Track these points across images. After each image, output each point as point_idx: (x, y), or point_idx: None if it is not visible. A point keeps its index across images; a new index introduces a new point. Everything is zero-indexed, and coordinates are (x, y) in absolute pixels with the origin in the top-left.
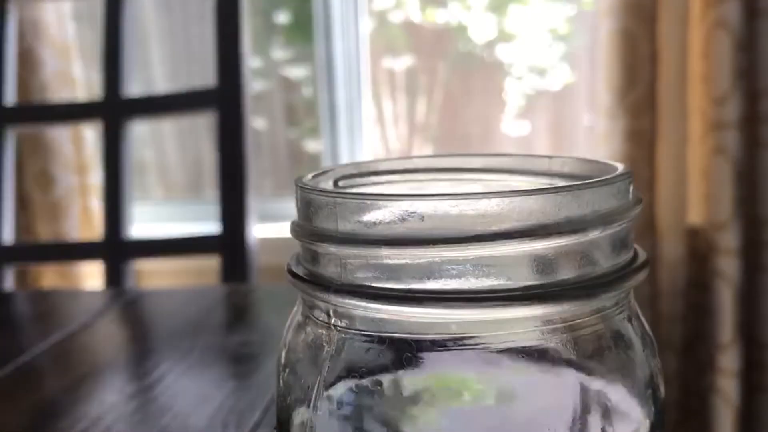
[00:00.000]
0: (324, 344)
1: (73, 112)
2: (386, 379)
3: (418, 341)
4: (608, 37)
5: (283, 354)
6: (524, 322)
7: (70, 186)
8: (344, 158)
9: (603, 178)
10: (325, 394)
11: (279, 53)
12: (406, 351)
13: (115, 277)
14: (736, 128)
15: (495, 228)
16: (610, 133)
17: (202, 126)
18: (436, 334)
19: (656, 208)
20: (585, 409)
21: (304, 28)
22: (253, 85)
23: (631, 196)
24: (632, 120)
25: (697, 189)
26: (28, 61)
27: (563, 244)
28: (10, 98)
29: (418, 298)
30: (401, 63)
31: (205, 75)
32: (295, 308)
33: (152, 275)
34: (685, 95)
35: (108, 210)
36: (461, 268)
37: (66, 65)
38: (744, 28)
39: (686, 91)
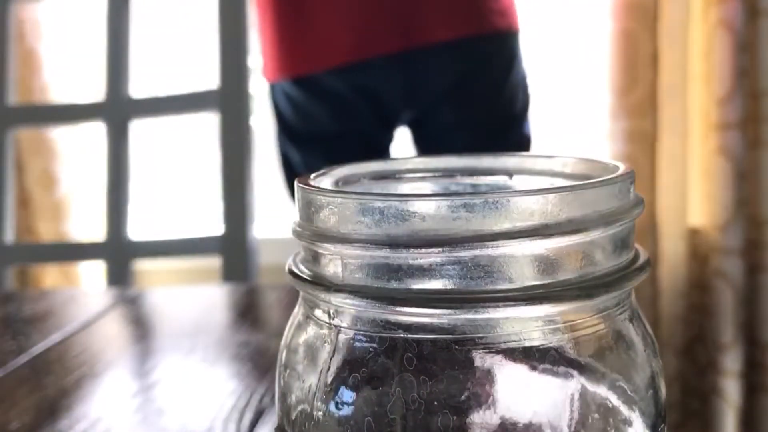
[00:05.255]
0: (325, 344)
1: (75, 113)
2: (387, 379)
3: (418, 341)
4: (609, 37)
5: (284, 354)
6: (525, 323)
7: (72, 186)
8: None
9: (604, 178)
10: (326, 394)
11: None
12: (407, 351)
13: (116, 278)
14: (737, 128)
15: (496, 228)
16: (612, 133)
17: (205, 126)
18: (437, 334)
19: (657, 209)
20: (586, 410)
21: None
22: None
23: (632, 196)
24: (633, 120)
25: (698, 189)
26: (29, 61)
27: (564, 244)
28: (12, 99)
29: (419, 299)
30: None
31: (207, 76)
32: (296, 308)
33: (153, 275)
34: (686, 95)
35: (110, 210)
36: (462, 269)
37: (67, 66)
38: (745, 29)
39: (687, 92)
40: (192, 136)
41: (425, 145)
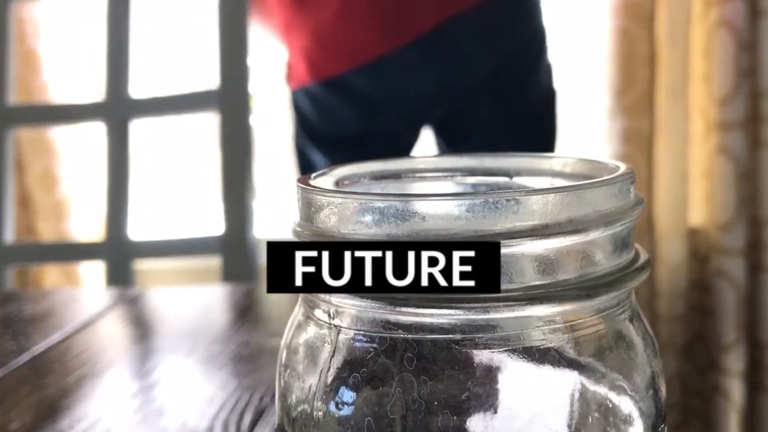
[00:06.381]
0: (325, 344)
1: (75, 113)
2: (387, 379)
3: (418, 341)
4: (606, 36)
5: (284, 354)
6: (525, 323)
7: (72, 186)
8: None
9: (604, 178)
10: (326, 394)
11: None
12: (407, 351)
13: (116, 278)
14: (739, 128)
15: (496, 228)
16: (609, 132)
17: (205, 126)
18: (437, 334)
19: (655, 209)
20: (586, 410)
21: None
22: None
23: (632, 196)
24: (630, 120)
25: (699, 189)
26: (29, 61)
27: (564, 244)
28: (12, 99)
29: (419, 299)
30: None
31: (207, 76)
32: (296, 308)
33: (153, 275)
34: (686, 95)
35: (110, 210)
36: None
37: (67, 66)
38: (747, 28)
39: (687, 91)
40: (192, 136)
41: (452, 143)
